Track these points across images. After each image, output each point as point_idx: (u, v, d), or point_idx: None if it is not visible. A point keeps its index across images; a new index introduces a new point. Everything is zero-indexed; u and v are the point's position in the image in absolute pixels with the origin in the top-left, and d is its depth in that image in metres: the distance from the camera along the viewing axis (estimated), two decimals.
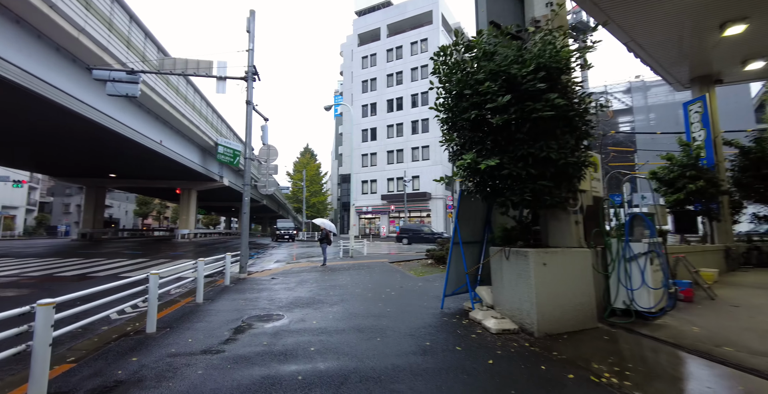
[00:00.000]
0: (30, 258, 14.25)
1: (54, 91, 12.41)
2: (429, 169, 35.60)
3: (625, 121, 31.44)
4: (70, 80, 13.15)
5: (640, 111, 30.89)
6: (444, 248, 10.92)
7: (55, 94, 12.49)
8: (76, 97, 13.49)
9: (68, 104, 13.11)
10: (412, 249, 20.29)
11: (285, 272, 10.24)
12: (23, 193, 42.24)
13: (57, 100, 12.56)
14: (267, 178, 9.62)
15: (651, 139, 27.79)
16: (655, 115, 30.27)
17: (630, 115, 31.30)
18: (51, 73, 12.22)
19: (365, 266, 11.15)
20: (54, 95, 12.44)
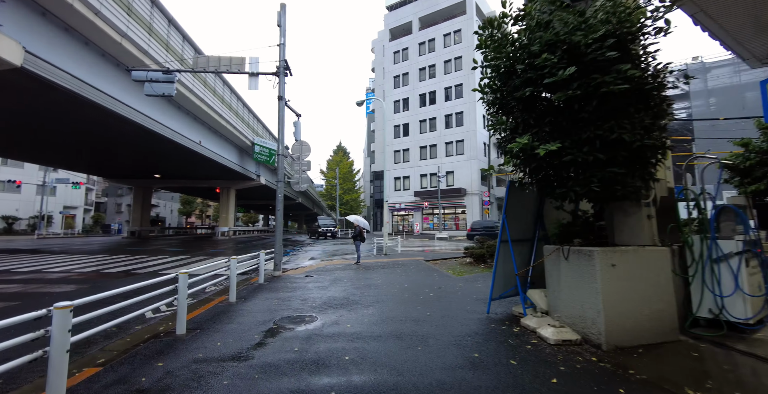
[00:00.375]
0: (83, 255, 15.03)
1: (100, 95, 12.92)
2: (464, 164, 34.60)
3: (680, 108, 28.85)
4: (114, 85, 13.65)
5: (699, 96, 28.24)
6: (484, 245, 10.29)
7: (102, 98, 13.00)
8: (120, 101, 14.01)
9: (112, 107, 13.61)
10: (444, 246, 19.65)
11: (319, 270, 10.04)
12: (81, 195, 45.41)
13: (103, 103, 13.06)
14: (300, 175, 9.44)
15: (711, 127, 25.35)
16: (715, 100, 27.55)
17: (686, 101, 28.70)
18: (98, 78, 12.71)
19: (400, 265, 10.74)
20: (101, 99, 12.95)
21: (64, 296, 6.46)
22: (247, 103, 27.26)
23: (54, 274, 9.43)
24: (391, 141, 40.19)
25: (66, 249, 18.13)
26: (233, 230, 34.68)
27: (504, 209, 4.81)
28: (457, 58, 36.58)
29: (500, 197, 37.58)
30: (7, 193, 37.98)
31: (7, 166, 38.39)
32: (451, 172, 34.92)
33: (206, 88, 19.93)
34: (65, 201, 42.89)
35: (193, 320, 4.81)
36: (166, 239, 29.35)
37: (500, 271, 4.98)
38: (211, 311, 5.38)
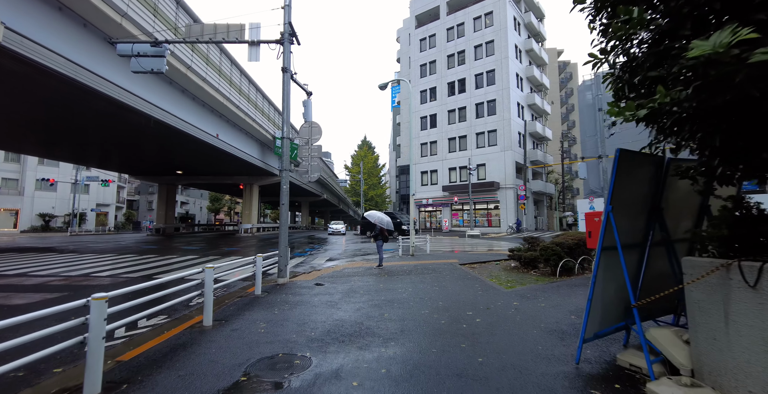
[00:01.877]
0: (90, 255, 14.21)
1: (97, 79, 11.87)
2: (497, 155, 32.18)
3: None
4: (109, 67, 12.55)
5: None
6: (537, 247, 8.32)
7: (98, 81, 11.95)
8: (126, 89, 12.96)
9: (106, 90, 12.55)
10: (477, 245, 17.61)
11: (334, 275, 8.44)
12: (113, 193, 46.39)
13: (97, 87, 12.00)
14: (309, 162, 7.86)
15: None
16: None
17: None
18: (90, 59, 11.62)
19: (430, 269, 8.97)
20: (97, 83, 11.90)
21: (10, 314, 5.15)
22: (268, 95, 26.14)
23: (35, 278, 8.31)
24: (417, 133, 38.23)
25: (81, 247, 17.54)
26: (257, 227, 33.93)
27: (609, 194, 2.94)
28: (488, 43, 34.07)
29: (537, 191, 34.91)
30: (44, 192, 39.09)
31: (43, 166, 39.51)
32: (482, 165, 32.60)
33: (221, 77, 18.80)
34: (98, 199, 43.84)
35: (133, 363, 3.26)
36: (189, 237, 28.86)
37: (600, 295, 3.11)
38: (168, 344, 3.83)
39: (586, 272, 7.86)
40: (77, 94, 12.54)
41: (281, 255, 7.35)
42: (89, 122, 16.77)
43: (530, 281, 7.13)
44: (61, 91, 12.49)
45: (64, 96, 13.09)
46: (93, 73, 11.40)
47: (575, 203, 56.93)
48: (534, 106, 36.56)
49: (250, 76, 22.59)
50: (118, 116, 15.13)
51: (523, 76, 35.79)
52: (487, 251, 14.16)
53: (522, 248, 9.18)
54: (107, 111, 14.45)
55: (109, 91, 12.49)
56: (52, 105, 14.53)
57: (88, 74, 11.35)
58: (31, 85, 12.16)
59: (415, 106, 38.75)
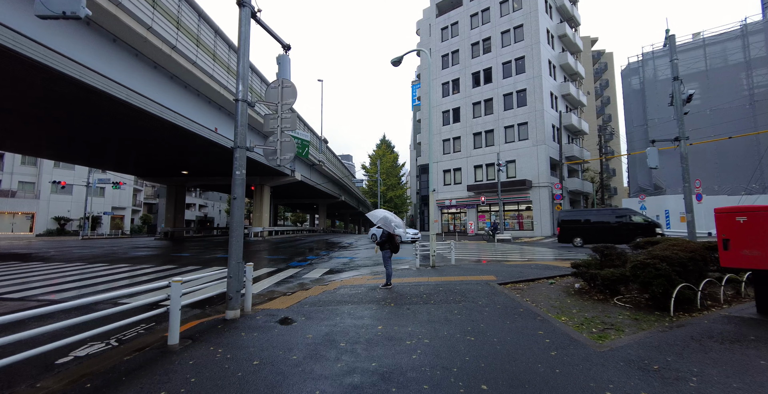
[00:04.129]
0: (63, 263, 12.25)
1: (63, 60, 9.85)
2: (528, 151, 28.92)
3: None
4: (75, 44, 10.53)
5: None
6: (613, 258, 5.47)
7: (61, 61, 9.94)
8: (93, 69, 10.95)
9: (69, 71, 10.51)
10: (510, 251, 14.61)
11: (319, 301, 5.89)
12: (129, 196, 45.82)
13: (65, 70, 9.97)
14: (279, 138, 5.35)
15: None
16: None
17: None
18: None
19: (458, 293, 6.26)
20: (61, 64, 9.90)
21: None
22: None
23: None
24: (439, 129, 35.40)
25: (64, 254, 15.77)
26: (268, 231, 31.98)
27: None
28: (517, 28, 30.94)
29: (574, 189, 31.40)
30: (60, 195, 38.66)
31: (59, 169, 39.16)
32: (512, 162, 29.40)
33: (216, 62, 16.75)
34: (113, 202, 43.28)
35: None
36: (195, 241, 27.11)
37: None
38: None
39: (714, 307, 4.93)
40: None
41: (231, 275, 4.85)
42: (61, 109, 14.98)
43: (626, 322, 4.32)
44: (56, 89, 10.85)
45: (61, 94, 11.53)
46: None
47: (613, 204, 52.32)
48: (568, 97, 33.07)
49: (252, 64, 20.52)
50: (90, 101, 13.23)
51: (556, 63, 32.41)
52: (527, 262, 11.27)
53: (590, 261, 6.33)
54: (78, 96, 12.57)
55: (78, 74, 10.52)
56: (58, 106, 13.17)
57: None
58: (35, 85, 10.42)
59: (436, 100, 35.96)
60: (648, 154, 10.14)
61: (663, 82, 23.85)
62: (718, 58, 21.75)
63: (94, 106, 13.59)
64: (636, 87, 26.36)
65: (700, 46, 21.78)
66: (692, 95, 10.49)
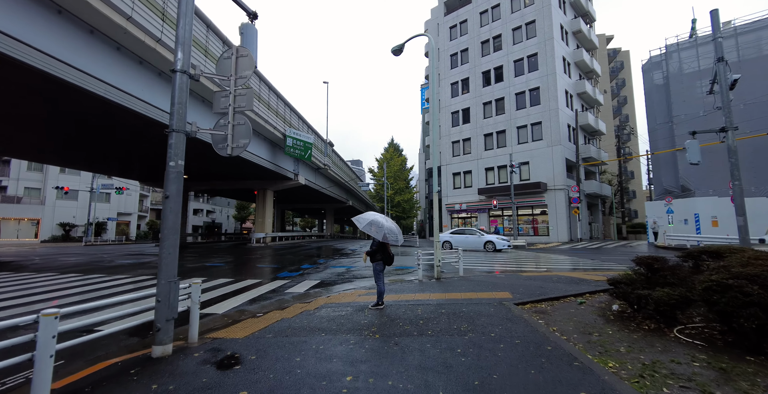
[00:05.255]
0: (32, 274, 11.29)
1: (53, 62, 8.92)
2: (543, 152, 27.39)
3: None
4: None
5: None
6: (666, 274, 4.11)
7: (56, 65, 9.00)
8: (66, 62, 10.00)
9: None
10: (525, 259, 13.13)
11: (288, 329, 4.65)
12: (135, 201, 45.48)
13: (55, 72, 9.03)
14: (231, 121, 4.15)
15: None
16: None
17: None
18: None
19: (464, 319, 4.94)
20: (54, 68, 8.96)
21: None
22: (275, 87, 23.15)
23: None
24: (448, 130, 34.12)
25: (47, 263, 14.90)
26: (271, 237, 30.95)
27: None
28: (529, 24, 29.63)
29: (591, 192, 29.68)
30: (66, 201, 38.40)
31: (65, 174, 39.01)
32: (525, 164, 27.89)
33: (209, 58, 15.82)
34: (119, 208, 42.92)
35: None
36: (194, 247, 26.21)
37: None
38: None
39: None
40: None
41: (159, 299, 3.64)
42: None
43: (709, 374, 2.96)
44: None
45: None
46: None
47: (632, 208, 50.05)
48: (584, 95, 31.49)
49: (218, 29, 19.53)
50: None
51: (571, 60, 30.93)
52: (546, 273, 9.86)
53: (633, 277, 4.95)
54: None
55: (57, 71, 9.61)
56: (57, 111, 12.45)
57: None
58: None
59: (445, 101, 34.73)
60: (688, 148, 8.69)
61: (690, 75, 22.15)
62: (752, 48, 20.03)
63: (73, 102, 12.74)
64: (659, 82, 24.65)
65: (731, 35, 20.10)
66: (737, 80, 9.03)
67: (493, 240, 18.63)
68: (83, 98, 11.70)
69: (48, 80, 10.02)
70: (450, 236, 20.08)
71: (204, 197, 60.51)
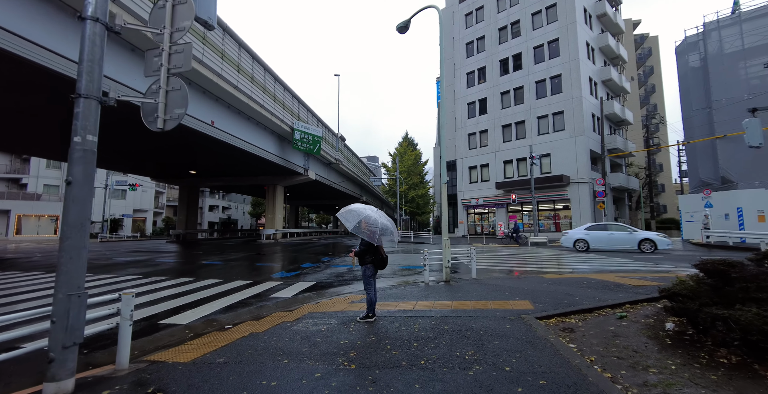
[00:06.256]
0: (12, 273, 10.78)
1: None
2: (565, 143, 25.72)
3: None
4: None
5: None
6: (747, 281, 2.90)
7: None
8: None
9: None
10: (547, 257, 11.79)
11: (247, 351, 3.70)
12: (151, 198, 45.85)
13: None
14: (163, 85, 3.20)
15: None
16: None
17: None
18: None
19: (471, 341, 3.87)
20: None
21: None
22: (282, 79, 22.31)
23: None
24: (464, 122, 32.67)
25: (46, 260, 14.53)
26: (281, 233, 30.36)
27: None
28: (549, 7, 27.84)
29: (618, 185, 27.82)
30: None
31: None
32: (546, 156, 26.26)
33: (207, 45, 15.06)
34: (134, 205, 43.31)
35: None
36: (204, 244, 25.82)
37: None
38: None
39: None
40: None
41: (54, 319, 2.72)
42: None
43: None
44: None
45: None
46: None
47: (661, 202, 47.35)
48: (610, 83, 29.48)
49: (252, 50, 18.77)
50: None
51: (595, 46, 28.95)
52: (571, 274, 8.63)
53: (696, 288, 3.75)
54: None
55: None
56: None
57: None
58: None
59: (461, 91, 33.27)
60: (747, 128, 7.29)
61: (731, 55, 20.10)
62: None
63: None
64: (695, 64, 22.61)
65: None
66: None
67: (653, 238, 14.29)
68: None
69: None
70: (584, 233, 15.67)
71: (219, 193, 60.78)
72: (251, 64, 18.71)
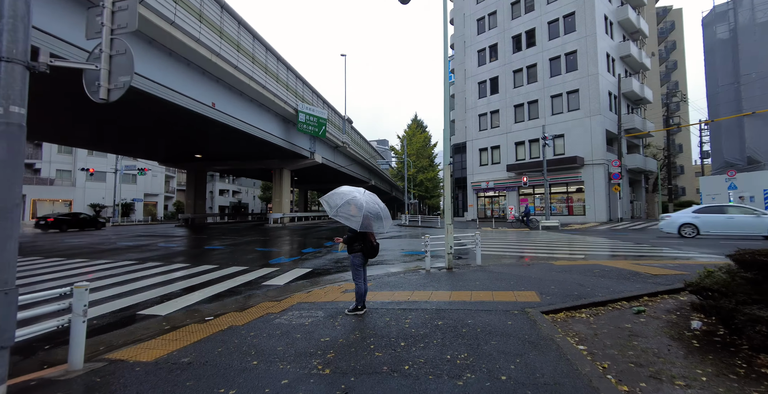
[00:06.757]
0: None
1: None
2: (579, 123, 24.64)
3: None
4: None
5: None
6: None
7: None
8: None
9: None
10: (557, 242, 11.25)
11: (217, 349, 3.35)
12: (161, 182, 46.17)
13: None
14: (107, 51, 2.79)
15: None
16: None
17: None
18: None
19: (466, 341, 3.46)
20: None
21: None
22: (283, 57, 21.60)
23: None
24: (474, 102, 31.58)
25: (50, 246, 14.56)
26: (289, 217, 30.25)
27: None
28: None
29: (634, 167, 26.74)
30: (95, 182, 39.29)
31: (92, 157, 39.72)
32: (560, 136, 25.23)
33: (204, 23, 14.45)
34: (145, 189, 43.68)
35: None
36: (210, 229, 25.85)
37: None
38: None
39: None
40: None
41: None
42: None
43: None
44: None
45: None
46: None
47: (679, 184, 45.72)
48: (628, 59, 27.96)
49: (252, 29, 18.06)
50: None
51: (614, 19, 27.32)
52: (584, 261, 8.10)
53: (729, 282, 3.23)
54: None
55: None
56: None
57: None
58: None
59: (471, 70, 32.04)
60: None
61: (764, 25, 18.56)
62: None
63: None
64: (723, 36, 21.08)
65: None
66: None
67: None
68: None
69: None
70: (693, 217, 12.85)
71: (230, 177, 60.99)
72: (252, 44, 18.04)
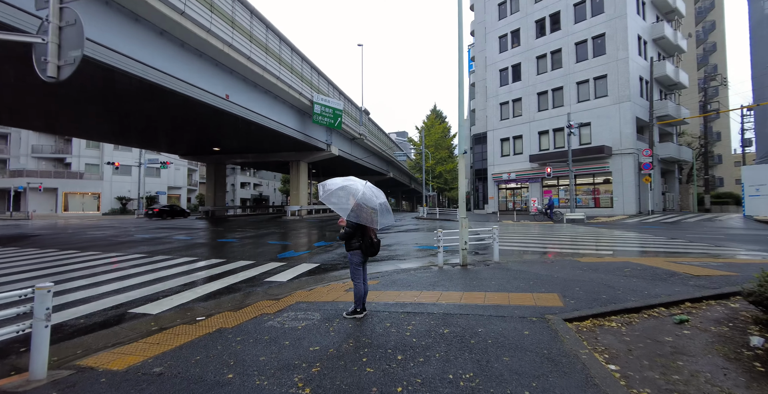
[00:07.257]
0: (17, 249, 10.84)
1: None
2: (607, 111, 23.28)
3: None
4: None
5: None
6: None
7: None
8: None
9: None
10: (582, 237, 10.49)
11: (197, 355, 3.02)
12: (184, 175, 47.15)
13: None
14: (56, 22, 2.44)
15: None
16: None
17: None
18: None
19: (473, 355, 3.01)
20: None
21: None
22: (298, 48, 21.22)
23: None
24: (495, 91, 30.41)
25: (69, 238, 14.85)
26: (306, 210, 30.22)
27: None
28: None
29: (666, 157, 25.21)
30: (121, 176, 40.49)
31: (118, 151, 40.86)
32: (586, 125, 23.93)
33: (214, 13, 14.20)
34: (169, 182, 44.71)
35: None
36: (229, 221, 26.09)
37: None
38: None
39: None
40: None
41: None
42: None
43: None
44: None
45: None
46: None
47: (716, 175, 43.15)
48: (662, 41, 26.12)
49: (265, 18, 17.73)
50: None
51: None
52: (612, 259, 7.43)
53: None
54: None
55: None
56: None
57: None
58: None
59: (492, 57, 30.81)
60: None
61: None
62: None
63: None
64: None
65: None
66: None
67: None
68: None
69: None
70: None
71: (250, 170, 61.74)
72: (265, 34, 17.72)
